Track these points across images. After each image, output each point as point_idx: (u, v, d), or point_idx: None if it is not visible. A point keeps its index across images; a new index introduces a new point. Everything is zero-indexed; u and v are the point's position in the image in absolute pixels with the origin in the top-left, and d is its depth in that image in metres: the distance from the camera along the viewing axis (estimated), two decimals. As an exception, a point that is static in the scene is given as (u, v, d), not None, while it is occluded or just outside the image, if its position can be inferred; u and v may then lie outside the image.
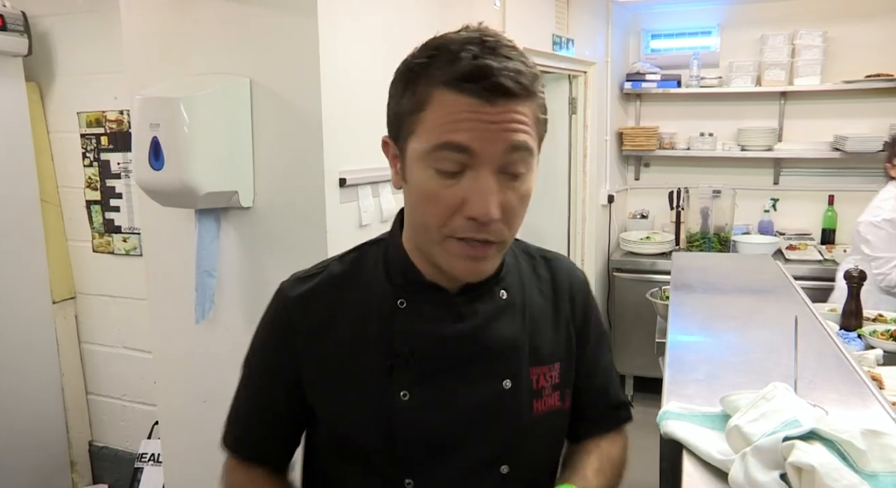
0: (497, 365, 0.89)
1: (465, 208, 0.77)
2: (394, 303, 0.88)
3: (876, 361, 1.76)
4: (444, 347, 0.87)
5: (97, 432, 3.13)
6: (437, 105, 0.76)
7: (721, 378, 1.09)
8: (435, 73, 0.77)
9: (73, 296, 3.03)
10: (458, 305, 0.88)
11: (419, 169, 0.79)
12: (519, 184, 0.80)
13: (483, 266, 0.82)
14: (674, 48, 4.27)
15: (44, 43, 2.84)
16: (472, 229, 0.78)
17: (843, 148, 3.74)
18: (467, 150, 0.75)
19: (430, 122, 0.77)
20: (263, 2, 1.71)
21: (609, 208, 4.19)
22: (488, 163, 0.76)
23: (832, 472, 0.68)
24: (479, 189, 0.76)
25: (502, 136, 0.76)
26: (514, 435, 0.90)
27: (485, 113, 0.75)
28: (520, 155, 0.78)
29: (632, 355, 3.98)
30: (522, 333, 0.92)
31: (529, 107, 0.78)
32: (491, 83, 0.74)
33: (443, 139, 0.76)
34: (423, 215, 0.80)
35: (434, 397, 0.87)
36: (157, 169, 1.65)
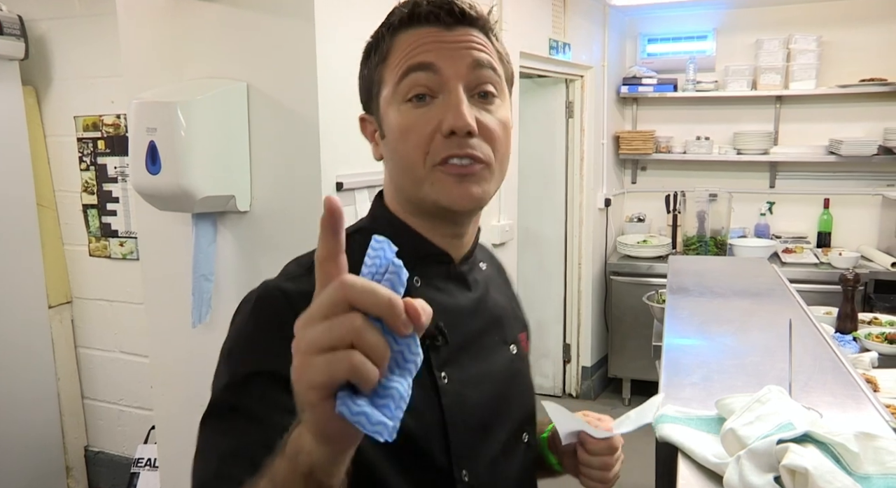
0: (502, 331, 0.89)
1: (442, 126, 0.75)
2: (409, 283, 0.79)
3: (871, 364, 1.77)
4: (464, 319, 0.84)
5: (93, 437, 3.12)
6: (398, 46, 0.79)
7: (717, 381, 1.09)
8: (394, 23, 0.80)
9: (69, 301, 3.02)
10: (464, 274, 0.86)
11: (393, 110, 0.79)
12: (493, 107, 0.79)
13: (474, 188, 0.78)
14: (670, 52, 4.29)
15: (40, 47, 2.84)
16: (454, 145, 0.76)
17: (838, 152, 3.76)
18: (432, 67, 0.76)
19: (394, 63, 0.78)
20: (260, 7, 1.72)
21: (606, 212, 4.20)
22: (455, 80, 0.76)
23: (826, 475, 0.68)
24: (450, 103, 0.76)
25: (464, 54, 0.77)
26: (529, 400, 0.92)
27: (444, 36, 0.78)
28: (486, 73, 0.78)
29: (629, 358, 3.99)
30: (506, 300, 0.95)
31: (484, 34, 0.81)
32: (447, 7, 0.78)
33: (408, 64, 0.77)
34: (406, 152, 0.78)
35: (465, 374, 0.82)
36: (153, 173, 1.65)
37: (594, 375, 4.18)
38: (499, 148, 0.79)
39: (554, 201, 4.00)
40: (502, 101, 0.81)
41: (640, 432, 0.96)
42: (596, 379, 4.20)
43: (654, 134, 4.28)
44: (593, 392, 4.16)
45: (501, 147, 0.80)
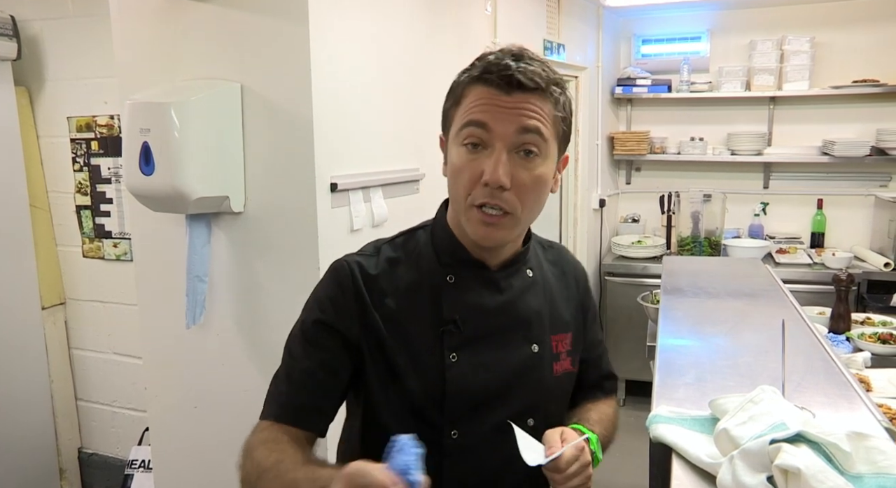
0: (528, 331, 1.05)
1: (483, 177, 0.93)
2: (443, 279, 1.02)
3: (864, 364, 1.78)
4: (486, 316, 1.02)
5: (87, 438, 3.11)
6: (468, 96, 0.97)
7: (710, 381, 1.10)
8: (472, 72, 0.97)
9: (62, 302, 3.01)
10: (498, 280, 1.04)
11: (453, 148, 0.98)
12: (531, 165, 0.95)
13: (495, 233, 0.97)
14: (664, 53, 4.30)
15: (33, 47, 2.83)
16: (487, 195, 0.94)
17: (831, 152, 3.78)
18: (484, 126, 0.93)
19: (462, 110, 0.97)
20: (254, 7, 1.71)
21: (600, 212, 4.21)
22: (500, 140, 0.93)
23: (818, 474, 0.68)
24: (491, 160, 0.93)
25: (514, 119, 0.93)
26: (540, 391, 1.06)
27: (500, 100, 0.93)
28: (531, 137, 0.94)
29: (623, 359, 3.99)
30: (545, 305, 1.08)
31: (544, 102, 0.95)
32: (506, 76, 0.93)
33: (467, 118, 0.95)
34: (455, 187, 0.98)
35: (477, 359, 1.00)
36: (147, 174, 1.64)
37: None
38: (528, 199, 0.97)
39: (548, 202, 3.99)
40: (544, 159, 0.97)
41: (634, 432, 0.96)
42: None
43: (648, 134, 4.29)
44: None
45: (531, 197, 0.97)
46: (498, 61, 0.94)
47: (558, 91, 0.97)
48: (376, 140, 1.97)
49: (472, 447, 1.01)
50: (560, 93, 0.98)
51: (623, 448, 1.07)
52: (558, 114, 0.97)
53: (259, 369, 1.84)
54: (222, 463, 1.96)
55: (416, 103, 2.15)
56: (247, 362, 1.85)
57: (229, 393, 1.88)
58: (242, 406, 1.87)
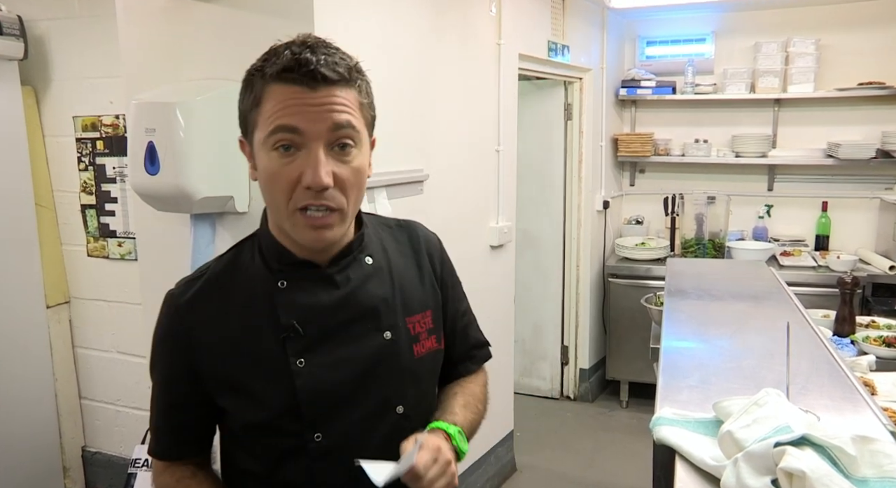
0: (375, 320, 1.02)
1: (302, 179, 0.90)
2: (274, 286, 0.99)
3: (868, 367, 1.77)
4: (326, 314, 0.99)
5: (90, 437, 3.12)
6: (269, 97, 0.91)
7: (714, 384, 1.09)
8: (266, 72, 0.92)
9: (67, 301, 3.02)
10: (331, 275, 1.00)
11: (263, 155, 0.93)
12: (349, 158, 0.93)
13: (326, 234, 0.94)
14: (669, 55, 4.30)
15: (40, 47, 2.84)
16: (311, 196, 0.90)
17: (836, 155, 3.77)
18: (296, 130, 0.89)
19: (265, 113, 0.91)
20: (260, 7, 1.72)
21: (604, 214, 4.20)
22: (316, 140, 0.90)
23: (823, 478, 0.68)
24: (310, 162, 0.89)
25: (325, 117, 0.90)
26: (402, 376, 1.04)
27: (308, 97, 0.89)
28: (345, 131, 0.91)
29: (627, 361, 3.99)
30: (392, 290, 1.05)
31: (350, 92, 0.93)
32: (309, 71, 0.89)
33: (276, 124, 0.90)
34: (272, 194, 0.93)
35: (326, 359, 0.98)
36: (152, 173, 1.65)
37: (592, 377, 4.18)
38: (352, 192, 0.94)
39: (552, 203, 4.00)
40: (360, 148, 0.95)
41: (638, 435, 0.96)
42: (594, 382, 4.20)
43: (652, 136, 4.28)
44: (591, 394, 4.16)
45: (354, 191, 0.95)
46: (296, 56, 0.89)
47: (360, 77, 0.95)
48: (381, 141, 1.96)
49: (339, 446, 0.99)
50: (361, 78, 0.96)
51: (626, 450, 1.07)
52: (364, 100, 0.96)
53: (262, 369, 1.84)
54: (225, 463, 1.96)
55: (420, 104, 2.15)
56: (250, 362, 1.85)
57: (233, 393, 1.88)
58: (246, 405, 1.87)
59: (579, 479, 3.15)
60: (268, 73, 0.91)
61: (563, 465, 0.94)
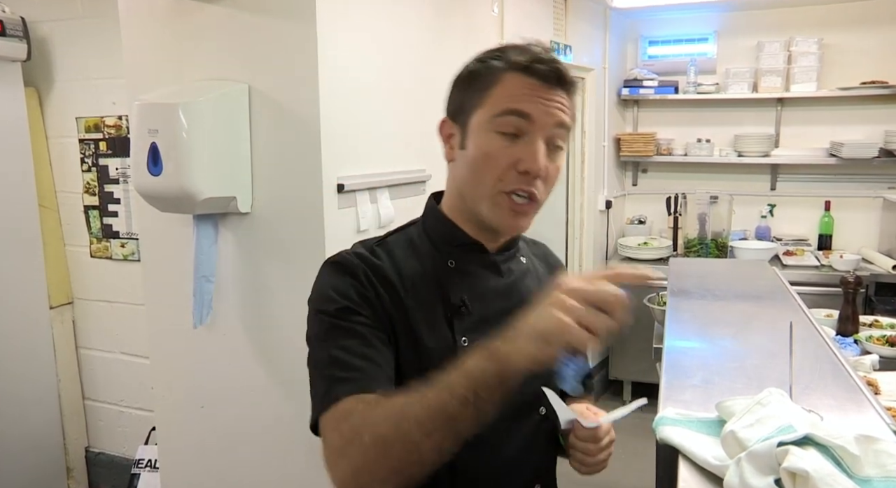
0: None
1: (519, 164, 0.94)
2: (444, 265, 1.02)
3: (872, 366, 1.77)
4: (491, 298, 1.02)
5: (94, 438, 3.12)
6: (506, 82, 0.96)
7: (717, 383, 1.09)
8: (509, 59, 0.97)
9: (70, 302, 3.03)
10: (497, 263, 1.05)
11: (482, 134, 0.97)
12: (557, 157, 0.99)
13: (523, 221, 0.99)
14: (671, 55, 4.29)
15: (43, 48, 2.85)
16: (523, 182, 0.95)
17: (839, 154, 3.76)
18: (528, 117, 0.94)
19: (497, 96, 0.96)
20: (262, 9, 1.72)
21: (607, 214, 4.20)
22: (540, 131, 0.95)
23: (826, 478, 0.68)
24: (532, 149, 0.95)
25: (554, 113, 0.96)
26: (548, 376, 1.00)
27: (544, 93, 0.95)
28: (562, 132, 0.98)
29: (630, 360, 3.99)
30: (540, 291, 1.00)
31: (571, 99, 1.00)
32: (554, 70, 0.96)
33: (509, 107, 0.95)
34: (482, 173, 0.96)
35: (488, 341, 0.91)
36: (155, 174, 1.65)
37: (595, 377, 4.17)
38: (551, 188, 1.00)
39: (554, 203, 4.00)
40: (564, 151, 1.01)
41: (641, 434, 0.96)
42: (597, 381, 4.20)
43: (654, 136, 4.28)
44: (594, 394, 4.15)
45: (551, 187, 1.00)
46: (542, 55, 0.96)
47: (577, 89, 1.02)
48: (383, 141, 1.98)
49: (486, 436, 0.93)
50: (577, 91, 1.03)
51: (629, 450, 1.08)
52: (574, 113, 1.02)
53: (266, 369, 1.85)
54: (229, 463, 1.97)
55: (422, 104, 2.15)
56: (253, 362, 1.86)
57: (236, 393, 1.89)
58: (249, 405, 1.87)
59: (582, 479, 3.14)
60: (512, 60, 0.96)
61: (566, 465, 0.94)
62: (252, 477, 1.90)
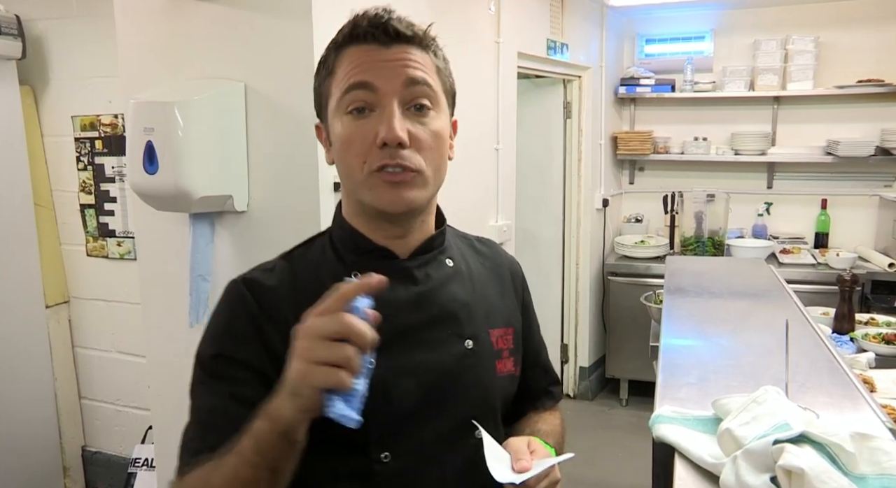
0: (456, 326, 0.91)
1: (377, 139, 0.83)
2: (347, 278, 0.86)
3: (868, 364, 1.77)
4: (401, 311, 0.88)
5: (90, 437, 3.12)
6: (343, 62, 0.87)
7: (713, 381, 1.09)
8: (339, 39, 0.88)
9: (66, 300, 3.02)
10: (409, 269, 0.91)
11: (337, 121, 0.87)
12: (426, 119, 0.86)
13: (405, 193, 0.85)
14: (668, 53, 4.29)
15: (38, 46, 2.83)
16: (387, 155, 0.83)
17: (835, 152, 3.77)
18: (369, 86, 0.84)
19: (338, 78, 0.87)
20: (258, 6, 1.72)
21: (604, 212, 4.20)
22: (390, 96, 0.84)
23: (821, 475, 0.68)
24: (384, 117, 0.83)
25: (399, 72, 0.84)
26: (484, 395, 0.92)
27: (381, 54, 0.85)
28: (420, 88, 0.86)
29: (626, 359, 3.99)
30: (474, 297, 0.95)
31: (425, 53, 0.88)
32: (381, 25, 0.85)
33: (349, 83, 0.85)
34: (346, 160, 0.87)
35: (397, 363, 0.85)
36: (151, 173, 1.65)
37: (592, 375, 4.18)
38: (431, 156, 0.86)
39: (551, 202, 4.00)
40: (438, 112, 0.88)
41: (637, 432, 0.96)
42: (594, 380, 4.20)
43: (651, 134, 4.28)
44: (591, 392, 4.16)
45: (434, 155, 0.87)
46: (368, 15, 0.86)
47: (434, 42, 0.90)
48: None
49: (408, 470, 0.86)
50: (436, 43, 0.90)
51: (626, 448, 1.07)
52: (440, 65, 0.90)
53: (262, 368, 1.84)
54: (225, 462, 1.97)
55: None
56: (250, 361, 1.85)
57: (232, 392, 1.89)
58: (245, 405, 1.87)
59: (579, 477, 3.15)
60: (339, 39, 0.88)
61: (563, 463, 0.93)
62: (249, 475, 1.90)
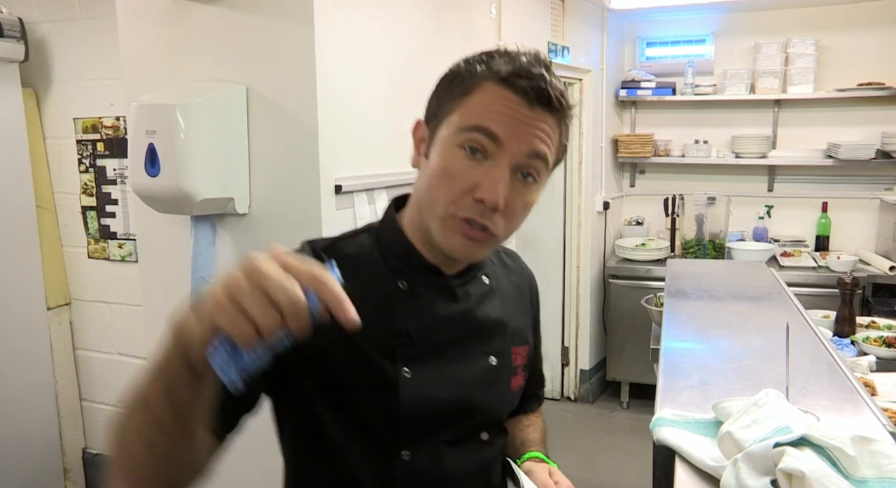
0: (485, 343, 0.96)
1: (476, 190, 0.82)
2: (394, 286, 0.91)
3: (869, 368, 1.77)
4: (442, 327, 0.92)
5: (91, 439, 3.12)
6: (483, 92, 0.84)
7: (714, 384, 1.09)
8: (493, 66, 0.84)
9: (67, 302, 3.02)
10: (453, 287, 0.94)
11: (447, 145, 0.85)
12: (527, 190, 0.86)
13: (476, 250, 0.88)
14: (668, 56, 4.30)
15: (40, 49, 2.84)
16: (477, 212, 0.83)
17: (836, 155, 3.77)
18: (496, 138, 0.82)
19: (471, 106, 0.84)
20: (260, 10, 1.72)
21: (604, 215, 4.20)
22: (508, 157, 0.83)
23: (822, 478, 0.68)
24: (493, 176, 0.82)
25: (529, 139, 0.83)
26: (498, 408, 0.99)
27: (522, 112, 0.82)
28: (537, 163, 0.85)
29: (627, 362, 3.99)
30: (505, 314, 1.00)
31: (558, 125, 0.86)
32: (538, 87, 0.82)
33: (479, 122, 0.83)
34: (437, 189, 0.85)
35: (433, 374, 0.91)
36: (153, 175, 1.65)
37: (592, 378, 4.18)
38: (513, 225, 0.88)
39: (552, 204, 4.00)
40: (539, 184, 0.88)
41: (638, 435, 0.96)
42: (594, 383, 4.20)
43: (652, 137, 4.28)
44: (591, 395, 4.16)
45: (517, 223, 0.88)
46: (529, 68, 0.83)
47: (570, 115, 0.88)
48: (381, 142, 1.98)
49: (425, 468, 0.91)
50: (570, 117, 0.89)
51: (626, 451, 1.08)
52: (564, 141, 0.90)
53: (263, 370, 1.85)
54: (224, 463, 1.96)
55: (420, 105, 2.15)
56: (251, 363, 1.86)
57: (233, 395, 1.89)
58: (246, 407, 1.87)
59: (580, 480, 3.14)
60: (494, 68, 0.84)
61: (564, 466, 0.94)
62: (248, 476, 1.90)
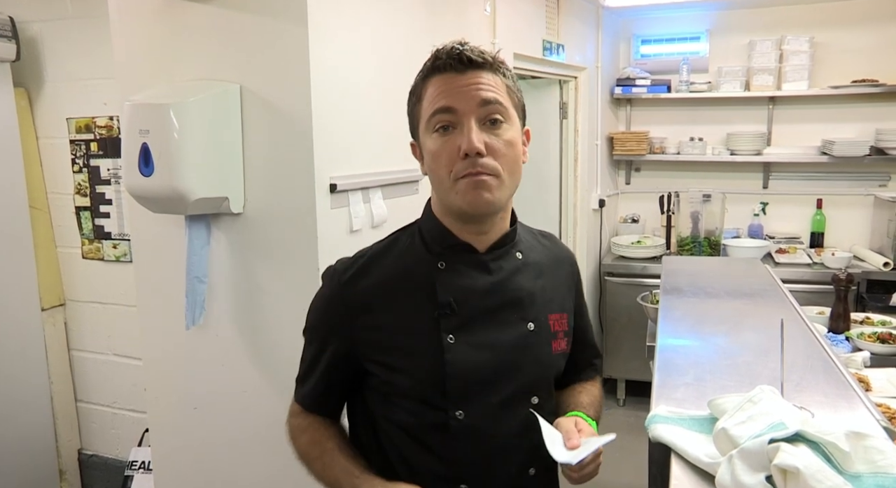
0: (521, 311, 1.10)
1: (460, 151, 1.00)
2: (434, 266, 1.08)
3: (863, 363, 1.78)
4: (478, 297, 1.07)
5: (86, 440, 3.11)
6: (428, 89, 1.05)
7: (709, 381, 1.10)
8: (424, 71, 1.06)
9: (62, 303, 3.01)
10: (486, 262, 1.10)
11: (427, 139, 1.05)
12: (500, 131, 1.03)
13: (485, 195, 1.02)
14: (663, 53, 4.30)
15: (32, 48, 2.83)
16: (469, 165, 1.00)
17: (830, 152, 3.78)
18: (450, 109, 1.01)
19: (426, 103, 1.05)
20: (254, 8, 1.71)
21: (600, 213, 4.21)
22: (468, 115, 1.01)
23: (817, 474, 0.68)
24: (463, 133, 1.01)
25: (474, 94, 1.01)
26: (540, 367, 1.12)
27: (456, 79, 1.02)
28: (493, 107, 1.02)
29: (623, 359, 4.00)
30: (537, 286, 1.14)
31: (495, 75, 1.04)
32: (456, 55, 1.02)
33: (434, 107, 1.03)
34: (437, 171, 1.04)
35: (475, 339, 1.06)
36: (146, 175, 1.65)
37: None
38: (506, 161, 1.03)
39: (548, 202, 4.00)
40: (510, 124, 1.05)
41: (634, 432, 0.97)
42: (591, 380, 4.20)
43: (647, 135, 4.29)
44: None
45: (508, 160, 1.04)
46: (446, 49, 1.03)
47: (503, 66, 1.06)
48: (376, 141, 1.97)
49: (478, 426, 1.06)
50: (504, 66, 1.06)
51: (622, 448, 1.08)
52: (510, 84, 1.06)
53: (258, 370, 1.84)
54: (222, 464, 1.96)
55: (415, 104, 2.15)
56: (246, 363, 1.85)
57: (229, 394, 1.88)
58: (242, 407, 1.87)
59: (577, 478, 3.15)
60: (424, 71, 1.05)
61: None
62: (245, 477, 1.90)
